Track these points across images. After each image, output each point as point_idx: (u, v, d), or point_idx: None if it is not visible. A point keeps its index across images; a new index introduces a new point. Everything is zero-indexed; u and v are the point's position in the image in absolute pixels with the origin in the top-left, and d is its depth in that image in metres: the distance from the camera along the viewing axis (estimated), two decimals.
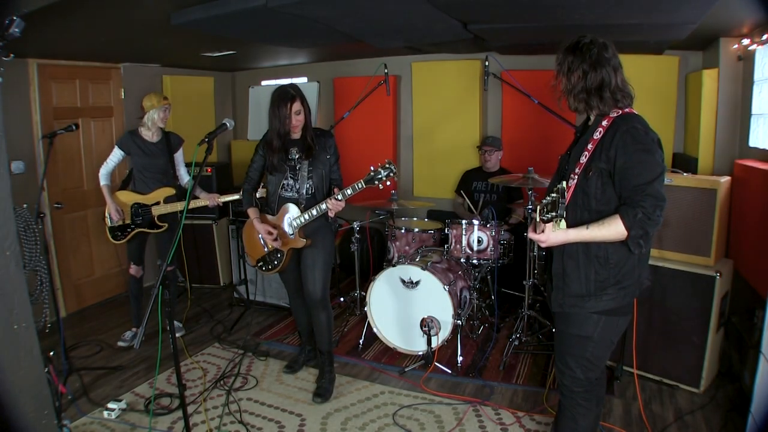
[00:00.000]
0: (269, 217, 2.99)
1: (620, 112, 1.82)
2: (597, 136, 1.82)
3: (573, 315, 1.91)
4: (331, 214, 2.82)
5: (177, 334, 3.56)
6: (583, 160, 1.83)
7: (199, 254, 4.85)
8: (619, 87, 1.81)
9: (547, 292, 2.11)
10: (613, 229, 1.73)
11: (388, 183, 2.67)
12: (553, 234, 1.74)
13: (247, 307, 4.32)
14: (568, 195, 1.79)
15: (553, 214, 1.62)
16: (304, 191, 2.87)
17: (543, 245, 1.82)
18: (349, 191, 2.72)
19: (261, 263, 3.09)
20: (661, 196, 1.73)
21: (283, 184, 2.90)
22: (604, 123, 1.82)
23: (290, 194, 2.90)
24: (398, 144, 5.12)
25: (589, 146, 1.83)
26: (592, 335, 1.89)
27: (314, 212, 2.80)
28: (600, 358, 1.96)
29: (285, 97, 2.74)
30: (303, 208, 2.86)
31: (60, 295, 4.13)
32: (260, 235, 3.01)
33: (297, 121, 2.79)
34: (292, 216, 2.88)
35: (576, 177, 1.83)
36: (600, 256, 1.83)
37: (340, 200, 2.73)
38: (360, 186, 2.69)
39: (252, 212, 3.00)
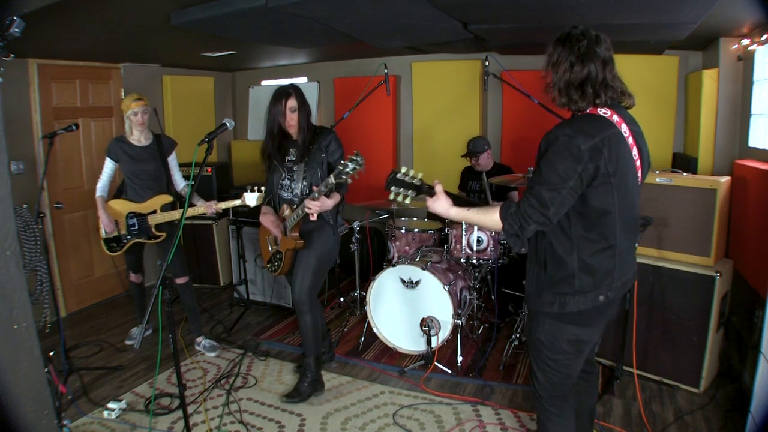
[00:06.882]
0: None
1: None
2: None
3: (532, 314, 1.88)
4: (312, 217, 2.71)
5: (212, 354, 3.54)
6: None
7: (199, 254, 4.85)
8: (607, 83, 1.69)
9: None
10: (489, 217, 1.73)
11: (356, 176, 2.50)
12: (432, 203, 1.89)
13: (247, 307, 4.32)
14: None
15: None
16: (299, 191, 2.88)
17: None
18: (322, 188, 2.65)
19: (269, 264, 3.14)
20: (543, 203, 1.63)
21: (281, 184, 2.94)
22: None
23: (287, 194, 2.93)
24: (398, 144, 5.12)
25: None
26: (541, 338, 1.83)
27: (300, 212, 2.77)
28: (557, 363, 1.84)
29: (281, 93, 2.79)
30: (295, 208, 2.85)
31: (60, 295, 4.13)
32: (268, 237, 3.06)
33: (292, 118, 2.80)
34: (286, 217, 2.91)
35: None
36: (540, 257, 1.79)
37: (316, 198, 2.65)
38: (331, 182, 2.57)
39: (264, 208, 3.02)
